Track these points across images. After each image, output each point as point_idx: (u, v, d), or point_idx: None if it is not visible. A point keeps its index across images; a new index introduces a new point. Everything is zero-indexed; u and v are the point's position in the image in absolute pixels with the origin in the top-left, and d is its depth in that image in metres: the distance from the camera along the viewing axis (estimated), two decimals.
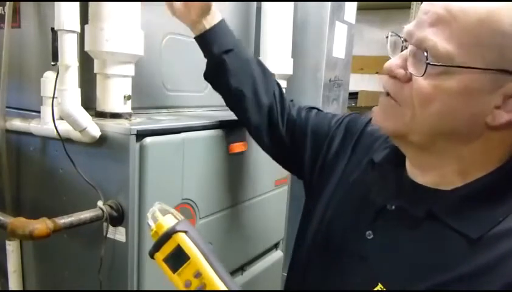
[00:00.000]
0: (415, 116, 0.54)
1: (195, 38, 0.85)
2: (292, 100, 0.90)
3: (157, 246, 0.54)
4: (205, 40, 0.84)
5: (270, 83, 0.88)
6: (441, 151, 0.56)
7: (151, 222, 0.55)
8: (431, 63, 0.50)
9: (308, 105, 0.88)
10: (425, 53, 0.50)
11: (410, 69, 0.53)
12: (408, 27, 0.54)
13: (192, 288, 0.52)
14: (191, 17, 0.82)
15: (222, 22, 0.84)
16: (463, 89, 0.50)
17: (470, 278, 0.51)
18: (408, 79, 0.53)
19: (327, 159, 0.77)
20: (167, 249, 0.53)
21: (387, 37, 0.59)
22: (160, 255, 0.54)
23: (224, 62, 0.83)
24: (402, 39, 0.55)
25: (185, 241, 0.53)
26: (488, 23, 0.48)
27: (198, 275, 0.52)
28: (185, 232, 0.53)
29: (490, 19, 0.48)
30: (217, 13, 0.84)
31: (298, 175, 0.87)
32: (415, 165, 0.61)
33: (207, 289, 0.52)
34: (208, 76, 0.88)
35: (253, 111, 0.85)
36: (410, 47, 0.53)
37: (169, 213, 0.55)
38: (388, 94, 0.57)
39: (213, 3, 0.81)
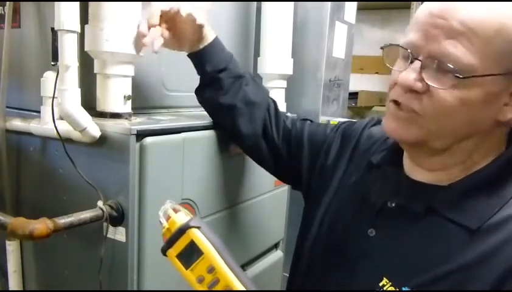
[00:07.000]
0: (440, 126, 0.55)
1: (188, 55, 0.84)
2: (286, 113, 0.91)
3: (170, 242, 0.54)
4: (198, 59, 0.83)
5: (263, 97, 0.88)
6: (456, 151, 0.58)
7: (162, 220, 0.56)
8: (461, 76, 0.51)
9: (302, 117, 0.89)
10: (451, 66, 0.51)
11: (430, 82, 0.53)
12: (413, 39, 0.55)
13: (205, 283, 0.53)
14: (184, 47, 0.83)
15: (215, 40, 0.83)
16: (486, 96, 0.53)
17: (471, 267, 0.53)
18: (426, 90, 0.54)
19: (326, 165, 0.78)
20: (180, 245, 0.54)
21: (382, 48, 0.59)
22: (173, 251, 0.54)
23: (219, 81, 0.83)
24: (409, 51, 0.55)
25: (198, 236, 0.54)
26: (504, 33, 0.51)
27: (211, 270, 0.53)
28: (198, 227, 0.54)
29: (505, 30, 0.51)
30: (211, 31, 0.82)
31: (296, 185, 0.88)
32: (424, 167, 0.62)
33: (220, 284, 0.53)
34: (200, 91, 0.87)
35: (245, 123, 0.84)
36: (423, 60, 0.54)
37: (180, 211, 0.56)
38: (398, 104, 0.57)
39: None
